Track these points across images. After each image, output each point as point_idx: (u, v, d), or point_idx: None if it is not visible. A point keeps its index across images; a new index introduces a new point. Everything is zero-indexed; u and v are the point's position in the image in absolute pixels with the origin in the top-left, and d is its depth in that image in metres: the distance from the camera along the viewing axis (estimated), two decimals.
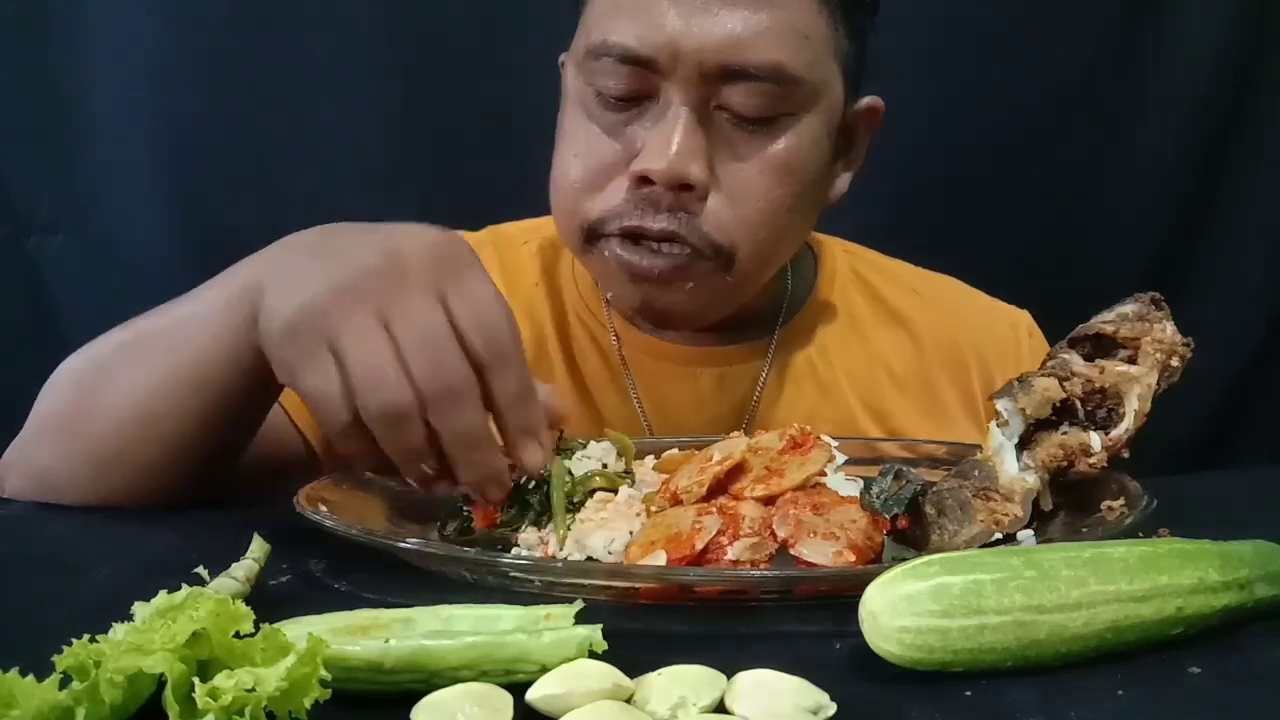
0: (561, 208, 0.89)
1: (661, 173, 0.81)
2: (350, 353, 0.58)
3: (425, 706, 0.40)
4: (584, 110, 0.87)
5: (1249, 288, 1.56)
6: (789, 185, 0.86)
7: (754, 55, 0.81)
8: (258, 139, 1.46)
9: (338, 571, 0.60)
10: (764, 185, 0.85)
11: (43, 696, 0.37)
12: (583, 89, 0.86)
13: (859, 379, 0.99)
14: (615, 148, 0.85)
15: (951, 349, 1.02)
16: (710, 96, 0.83)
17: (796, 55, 0.83)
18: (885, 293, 1.04)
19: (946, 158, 1.48)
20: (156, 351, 0.75)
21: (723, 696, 0.41)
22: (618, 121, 0.85)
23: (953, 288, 1.08)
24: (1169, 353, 0.68)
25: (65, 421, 0.78)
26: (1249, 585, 0.49)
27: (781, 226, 0.88)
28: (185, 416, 0.73)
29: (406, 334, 0.58)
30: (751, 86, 0.82)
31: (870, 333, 1.01)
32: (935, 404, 1.00)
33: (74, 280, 1.48)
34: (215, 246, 1.45)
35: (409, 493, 0.72)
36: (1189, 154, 1.54)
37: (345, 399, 0.58)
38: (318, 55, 1.45)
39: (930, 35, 1.47)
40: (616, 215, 0.84)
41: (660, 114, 0.83)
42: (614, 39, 0.82)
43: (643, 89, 0.83)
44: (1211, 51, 1.51)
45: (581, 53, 0.86)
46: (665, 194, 0.82)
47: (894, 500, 0.57)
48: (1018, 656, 0.44)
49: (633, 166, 0.83)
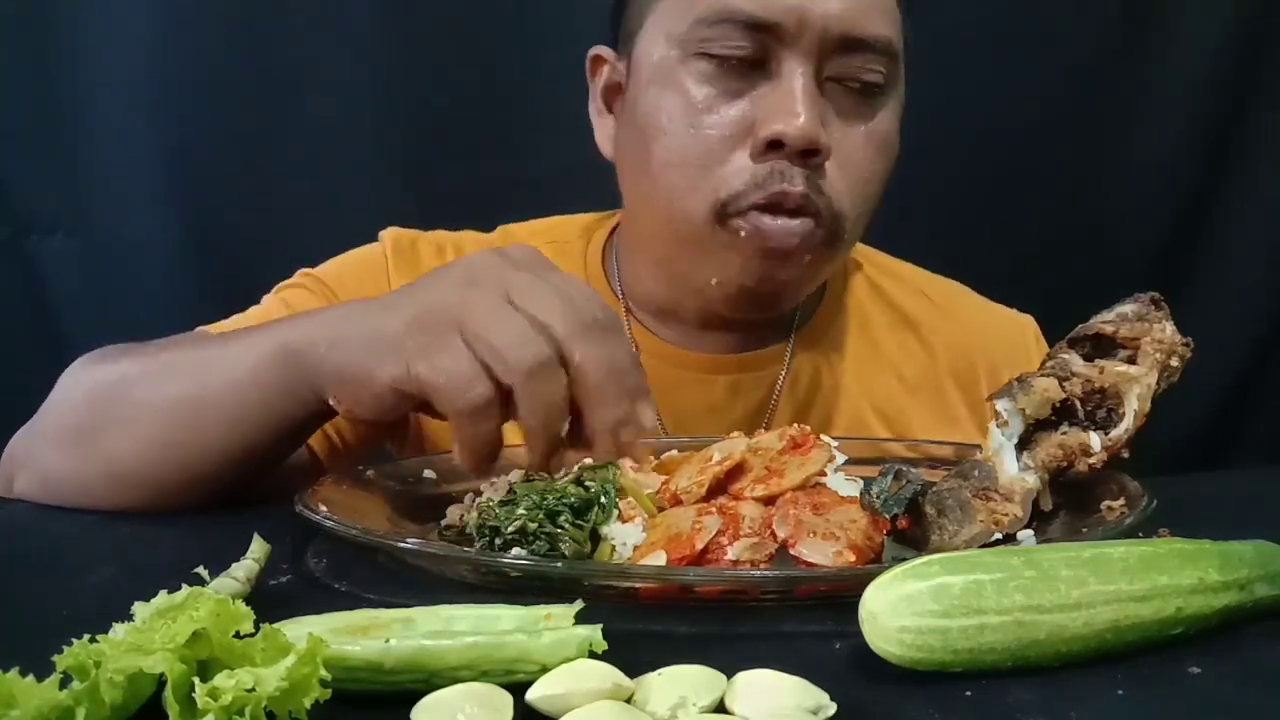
0: (682, 187, 0.86)
1: (795, 135, 0.81)
2: (487, 325, 0.61)
3: (425, 706, 0.40)
4: (687, 84, 0.85)
5: (1249, 288, 1.56)
6: (886, 159, 0.89)
7: (871, 28, 0.83)
8: (257, 139, 1.46)
9: (338, 571, 0.60)
10: (869, 156, 0.87)
11: (43, 696, 0.37)
12: (685, 62, 0.85)
13: (871, 384, 0.99)
14: (731, 118, 0.84)
15: (962, 356, 1.02)
16: (823, 66, 0.83)
17: (897, 33, 0.86)
18: (896, 296, 1.04)
19: (946, 158, 1.48)
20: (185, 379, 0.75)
21: (723, 696, 0.41)
22: (732, 90, 0.84)
23: (961, 293, 1.08)
24: (1169, 353, 0.68)
25: (82, 434, 0.77)
26: (1249, 585, 0.49)
27: (875, 201, 0.89)
28: (205, 446, 0.74)
29: (531, 301, 0.62)
30: (865, 58, 0.84)
31: (882, 337, 1.01)
32: (945, 408, 1.00)
33: (74, 280, 1.48)
34: (215, 246, 1.46)
35: (409, 492, 0.73)
36: (1189, 154, 1.54)
37: (484, 372, 0.60)
38: (317, 56, 1.45)
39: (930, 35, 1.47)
40: (756, 186, 0.83)
41: (778, 81, 0.83)
42: (735, 4, 0.82)
43: (760, 57, 0.83)
44: (1211, 51, 1.51)
45: (686, 25, 0.84)
46: (794, 160, 0.82)
47: (894, 500, 0.57)
48: (1018, 656, 0.44)
49: (762, 132, 0.82)
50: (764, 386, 0.96)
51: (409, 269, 0.97)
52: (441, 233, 1.03)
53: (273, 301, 0.95)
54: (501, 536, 0.60)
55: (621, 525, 0.62)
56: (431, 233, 1.03)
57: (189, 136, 1.46)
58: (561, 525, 0.60)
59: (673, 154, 0.85)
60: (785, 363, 0.97)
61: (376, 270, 0.97)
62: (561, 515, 0.60)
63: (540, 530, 0.60)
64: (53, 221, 1.48)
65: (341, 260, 0.99)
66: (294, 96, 1.45)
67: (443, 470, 0.77)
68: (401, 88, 1.46)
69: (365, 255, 1.00)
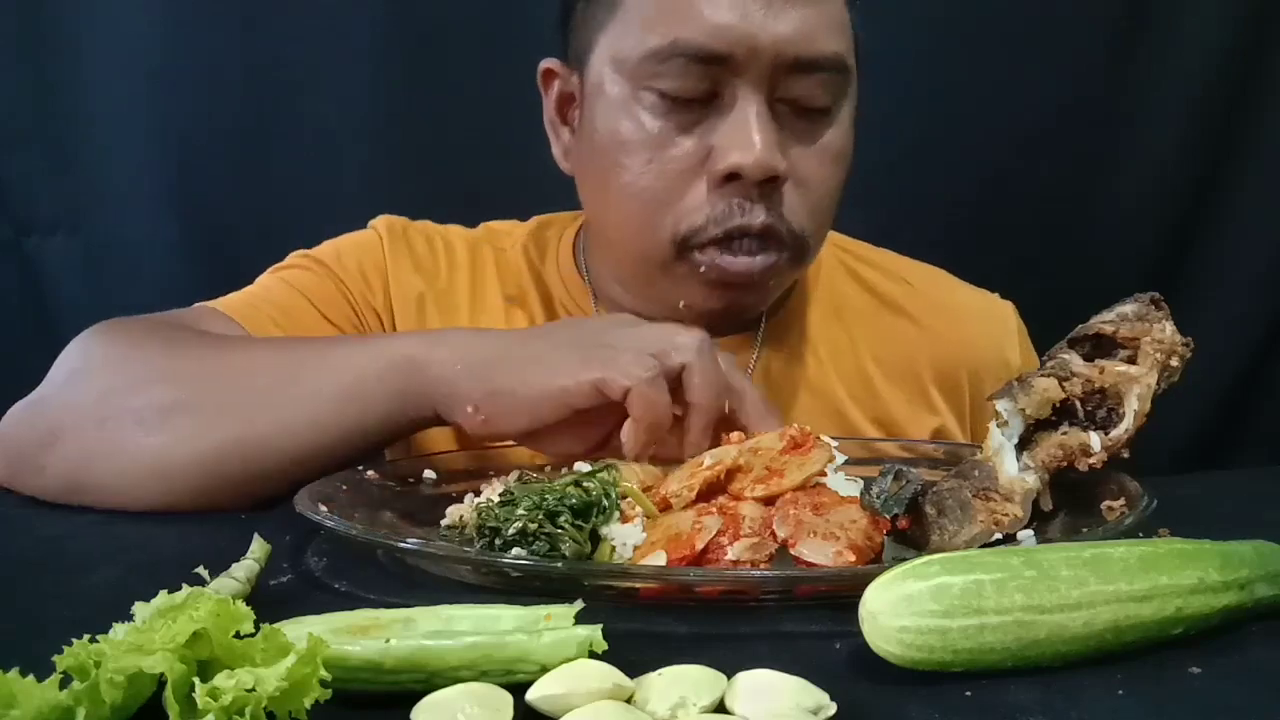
0: (639, 222, 0.87)
1: (752, 166, 0.81)
2: (639, 335, 0.75)
3: (425, 706, 0.40)
4: (641, 116, 0.85)
5: (1248, 288, 1.56)
6: (842, 171, 0.89)
7: (821, 47, 0.83)
8: (257, 139, 1.46)
9: (338, 571, 0.60)
10: (825, 173, 0.87)
11: (43, 696, 0.37)
12: (636, 94, 0.85)
13: (846, 368, 1.00)
14: (687, 150, 0.84)
15: (943, 340, 1.02)
16: (774, 90, 0.84)
17: (846, 45, 0.86)
18: (876, 282, 1.05)
19: (946, 157, 1.48)
20: (282, 372, 0.78)
21: (723, 696, 0.41)
22: (685, 123, 0.84)
23: (942, 277, 1.09)
24: (1169, 353, 0.68)
25: (174, 411, 0.76)
26: (1249, 585, 0.49)
27: (834, 209, 0.90)
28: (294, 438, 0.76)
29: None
30: (817, 78, 0.84)
31: (858, 321, 1.02)
32: (922, 394, 1.01)
33: (74, 280, 1.48)
34: (215, 247, 1.47)
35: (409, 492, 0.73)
36: (1189, 154, 1.54)
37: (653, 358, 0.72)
38: (317, 56, 1.45)
39: (930, 35, 1.47)
40: (715, 221, 0.84)
41: (730, 110, 0.83)
42: (685, 38, 0.82)
43: (712, 88, 0.83)
44: (1212, 51, 1.51)
45: (635, 58, 0.84)
46: (753, 189, 0.83)
47: (894, 500, 0.57)
48: (1018, 656, 0.44)
49: (718, 165, 0.83)
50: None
51: (404, 252, 0.99)
52: (429, 223, 1.04)
53: (272, 281, 0.96)
54: (501, 538, 0.60)
55: (621, 525, 0.62)
56: (420, 222, 1.04)
57: (188, 137, 1.46)
58: (561, 526, 0.60)
59: (631, 187, 0.86)
60: (755, 346, 0.98)
61: (374, 251, 0.99)
62: (561, 516, 0.60)
63: (540, 531, 0.60)
64: (53, 221, 1.49)
65: (335, 243, 1.00)
66: (294, 96, 1.46)
67: (443, 470, 0.77)
68: (401, 88, 1.46)
69: (360, 238, 1.01)
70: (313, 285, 0.95)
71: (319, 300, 0.94)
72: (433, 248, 1.01)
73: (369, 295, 0.97)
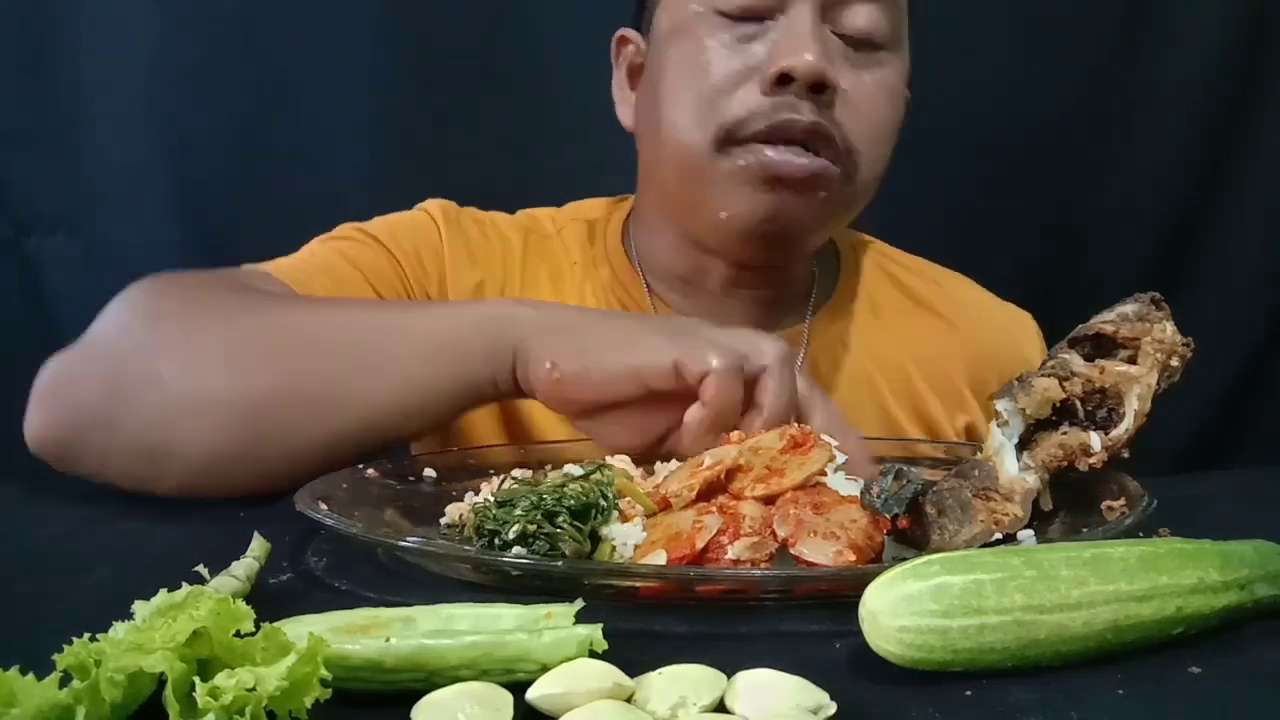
0: (687, 118, 0.88)
1: (804, 69, 0.83)
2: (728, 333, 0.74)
3: (425, 706, 0.40)
4: (698, 36, 0.87)
5: (1248, 288, 1.56)
6: (894, 110, 0.91)
7: None
8: (257, 139, 1.46)
9: (338, 570, 0.60)
10: (879, 102, 0.89)
11: (43, 695, 0.37)
12: (695, 15, 0.88)
13: (887, 366, 1.01)
14: (743, 60, 0.86)
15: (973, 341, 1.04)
16: (830, 17, 0.86)
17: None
18: (911, 284, 1.06)
19: (946, 157, 1.48)
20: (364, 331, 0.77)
21: (723, 696, 0.41)
22: (742, 37, 0.87)
23: (968, 285, 1.10)
24: (1169, 353, 0.68)
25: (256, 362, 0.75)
26: (1249, 585, 0.49)
27: (887, 152, 0.91)
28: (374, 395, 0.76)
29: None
30: (872, 9, 0.86)
31: (898, 320, 1.03)
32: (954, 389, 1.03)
33: (74, 280, 1.48)
34: (215, 247, 1.46)
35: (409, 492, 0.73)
36: (1189, 154, 1.54)
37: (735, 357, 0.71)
38: (318, 55, 1.45)
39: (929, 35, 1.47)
40: (761, 114, 0.85)
41: (787, 24, 0.85)
42: None
43: (769, 6, 0.86)
44: (1211, 51, 1.51)
45: None
46: (803, 95, 0.84)
47: (894, 500, 0.57)
48: (1018, 656, 0.44)
49: (772, 66, 0.84)
50: None
51: (459, 236, 0.99)
52: (476, 210, 1.05)
53: (324, 250, 0.95)
54: (500, 539, 0.60)
55: (621, 525, 0.62)
56: (468, 209, 1.05)
57: (189, 137, 1.46)
58: (560, 526, 0.60)
59: (682, 90, 0.88)
60: (803, 343, 0.98)
61: (431, 236, 0.99)
62: (559, 516, 0.60)
63: (539, 531, 0.60)
64: (53, 221, 1.49)
65: (388, 220, 1.00)
66: (294, 96, 1.45)
67: (443, 470, 0.77)
68: (401, 87, 1.46)
69: (414, 218, 1.01)
70: (366, 258, 0.94)
71: (371, 274, 0.94)
72: (486, 235, 1.02)
73: (424, 279, 0.97)
